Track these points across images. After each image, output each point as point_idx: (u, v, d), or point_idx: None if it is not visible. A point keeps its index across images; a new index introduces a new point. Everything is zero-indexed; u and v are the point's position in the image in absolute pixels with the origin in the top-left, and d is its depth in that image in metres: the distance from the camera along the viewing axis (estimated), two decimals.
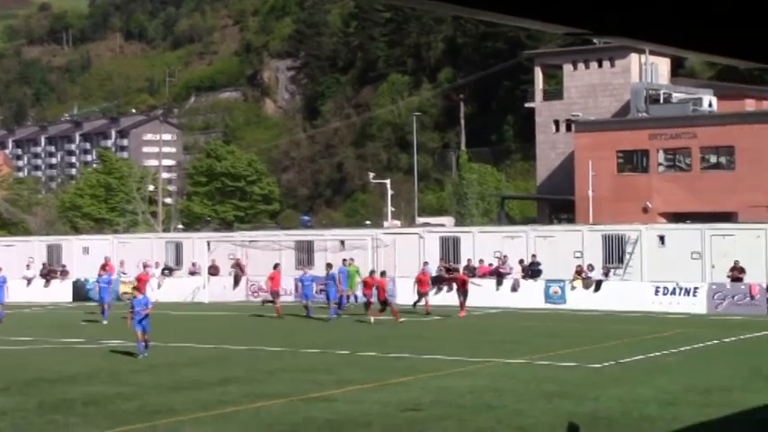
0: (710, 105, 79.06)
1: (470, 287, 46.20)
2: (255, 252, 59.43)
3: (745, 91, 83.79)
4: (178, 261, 61.11)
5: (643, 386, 25.69)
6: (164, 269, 59.65)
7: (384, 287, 44.38)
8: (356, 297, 49.76)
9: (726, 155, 72.94)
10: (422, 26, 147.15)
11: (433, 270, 53.02)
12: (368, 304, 43.49)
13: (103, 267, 51.26)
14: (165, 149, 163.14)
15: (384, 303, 43.29)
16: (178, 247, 62.49)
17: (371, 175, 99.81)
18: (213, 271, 58.40)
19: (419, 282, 47.75)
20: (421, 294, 47.27)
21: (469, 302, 45.78)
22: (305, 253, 58.96)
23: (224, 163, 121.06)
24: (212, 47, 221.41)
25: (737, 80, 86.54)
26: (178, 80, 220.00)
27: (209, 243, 59.46)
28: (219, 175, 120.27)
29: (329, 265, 48.71)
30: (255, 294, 56.39)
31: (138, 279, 46.21)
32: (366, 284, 44.26)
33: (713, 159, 74.16)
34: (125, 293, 50.47)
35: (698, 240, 49.68)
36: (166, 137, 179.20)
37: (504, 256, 52.48)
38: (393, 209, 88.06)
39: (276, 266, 49.48)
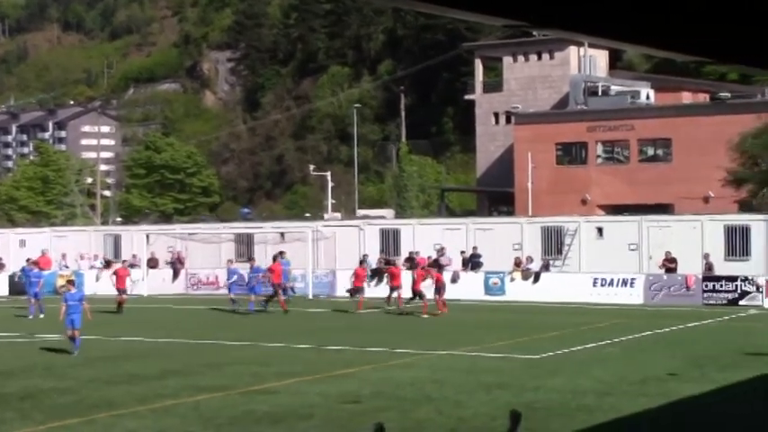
0: (648, 98, 79.79)
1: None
2: (195, 245, 59.14)
3: (681, 83, 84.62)
4: (117, 254, 60.59)
5: (581, 377, 25.90)
6: (102, 261, 59.15)
7: (421, 278, 43.85)
8: (293, 289, 50.53)
9: (663, 147, 73.64)
10: (362, 18, 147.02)
11: (374, 263, 53.13)
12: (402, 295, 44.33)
13: (32, 261, 50.39)
14: (104, 141, 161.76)
15: (416, 294, 43.48)
16: (117, 240, 62.01)
17: (312, 167, 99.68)
18: (152, 264, 58.02)
19: (356, 276, 47.33)
20: (356, 290, 46.79)
21: (409, 294, 45.76)
22: (245, 245, 58.78)
23: (163, 155, 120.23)
24: (151, 38, 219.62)
25: (674, 73, 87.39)
26: (116, 71, 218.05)
27: (147, 236, 59.04)
28: (158, 168, 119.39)
29: (252, 259, 48.48)
30: (195, 287, 56.13)
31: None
32: (393, 276, 45.12)
33: (650, 151, 74.86)
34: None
35: (635, 232, 50.18)
36: (105, 129, 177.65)
37: (443, 248, 52.61)
38: (333, 201, 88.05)
39: (276, 258, 47.42)
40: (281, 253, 50.88)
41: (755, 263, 47.36)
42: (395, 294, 44.90)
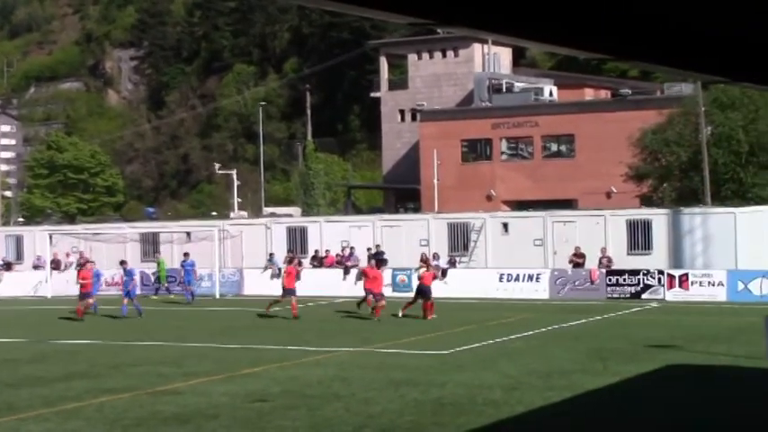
0: (551, 95, 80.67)
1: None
2: (99, 245, 58.41)
3: (584, 80, 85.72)
4: (19, 255, 59.62)
5: (488, 372, 26.11)
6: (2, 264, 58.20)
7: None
8: (168, 289, 51.36)
9: (566, 143, 74.54)
10: (267, 16, 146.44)
11: (280, 261, 53.01)
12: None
13: None
14: (4, 141, 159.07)
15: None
16: (19, 241, 61.03)
17: (217, 165, 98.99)
18: (56, 265, 57.16)
19: (287, 275, 44.46)
20: (288, 292, 41.80)
21: (316, 292, 45.77)
22: (150, 245, 58.24)
23: (66, 155, 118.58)
24: (52, 36, 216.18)
25: (577, 70, 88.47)
26: (17, 70, 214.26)
27: (50, 236, 58.18)
28: (61, 168, 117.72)
29: (123, 262, 46.81)
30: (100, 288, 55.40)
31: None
32: (369, 277, 40.85)
33: (554, 147, 75.71)
34: None
35: (540, 227, 50.75)
36: (5, 128, 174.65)
37: (352, 248, 52.66)
38: (240, 200, 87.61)
39: (291, 260, 44.86)
40: (186, 254, 50.48)
41: (657, 256, 48.20)
42: (370, 298, 40.27)
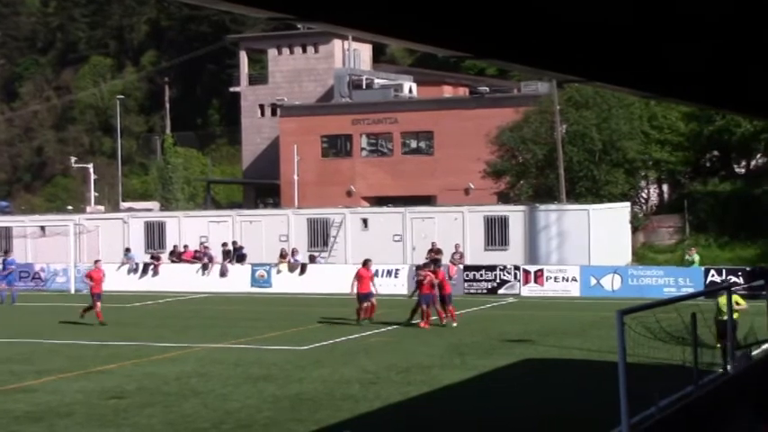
0: (411, 91, 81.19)
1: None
2: None
3: (443, 78, 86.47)
4: None
5: (346, 367, 26.22)
6: None
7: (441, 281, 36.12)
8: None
9: (425, 140, 75.11)
10: (124, 8, 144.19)
11: (137, 256, 52.48)
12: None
13: None
14: None
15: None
16: None
17: (73, 159, 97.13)
18: None
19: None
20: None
21: (175, 287, 45.33)
22: (4, 239, 56.90)
23: None
24: None
25: (436, 67, 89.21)
26: None
27: None
28: None
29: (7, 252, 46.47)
30: None
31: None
32: (443, 283, 35.94)
33: (413, 144, 76.23)
34: None
35: (399, 223, 51.09)
36: None
37: (206, 247, 52.25)
38: (96, 194, 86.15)
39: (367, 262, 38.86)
40: (6, 252, 49.38)
41: (514, 252, 48.96)
42: (366, 304, 36.34)
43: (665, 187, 65.88)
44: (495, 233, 49.81)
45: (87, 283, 38.95)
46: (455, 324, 34.31)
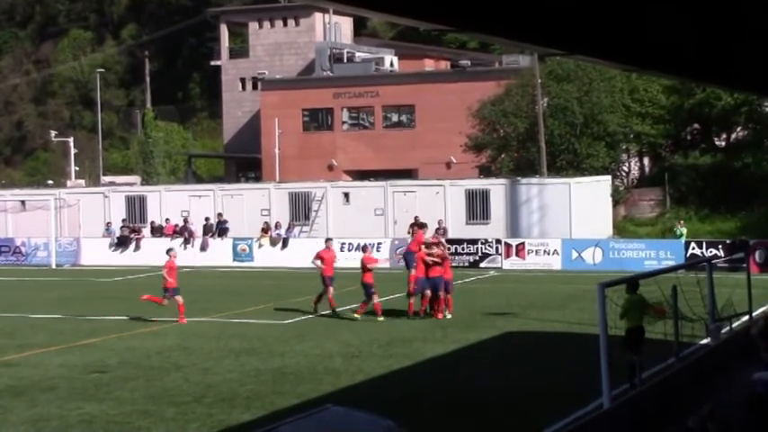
0: (392, 65, 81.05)
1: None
2: None
3: (424, 51, 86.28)
4: None
5: (328, 341, 26.26)
6: None
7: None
8: None
9: (407, 113, 75.03)
10: None
11: (118, 230, 52.42)
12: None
13: None
14: None
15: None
16: None
17: (53, 133, 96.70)
18: None
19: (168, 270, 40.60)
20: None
21: (157, 261, 45.01)
22: None
23: None
24: None
25: (417, 40, 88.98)
26: None
27: None
28: None
29: None
30: None
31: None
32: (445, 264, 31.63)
33: (395, 118, 76.13)
34: None
35: (381, 197, 51.08)
36: None
37: (186, 221, 52.14)
38: (77, 168, 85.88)
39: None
40: None
41: (495, 226, 49.00)
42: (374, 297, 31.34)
43: (645, 160, 66.00)
44: (477, 207, 49.84)
45: (318, 266, 32.82)
46: (449, 316, 30.22)
